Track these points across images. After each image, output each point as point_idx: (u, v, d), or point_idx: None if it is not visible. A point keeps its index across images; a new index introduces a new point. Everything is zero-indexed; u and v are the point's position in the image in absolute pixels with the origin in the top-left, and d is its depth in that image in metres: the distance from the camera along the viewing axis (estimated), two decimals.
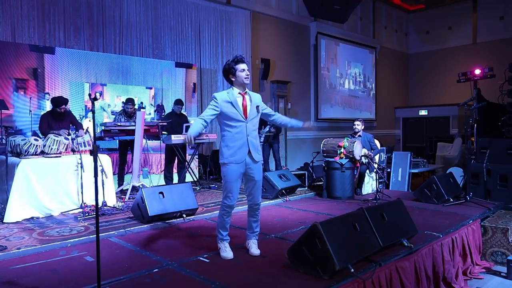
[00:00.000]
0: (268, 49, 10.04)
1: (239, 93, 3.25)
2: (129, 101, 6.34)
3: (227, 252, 3.31)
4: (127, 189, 5.83)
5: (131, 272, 2.96)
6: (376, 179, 6.02)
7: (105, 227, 4.15)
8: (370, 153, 6.17)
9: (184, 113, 7.29)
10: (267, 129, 7.72)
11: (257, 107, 3.32)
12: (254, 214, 3.41)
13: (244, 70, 3.21)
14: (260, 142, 8.07)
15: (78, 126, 5.75)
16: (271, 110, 3.52)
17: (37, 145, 4.76)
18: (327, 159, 6.07)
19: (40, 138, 5.07)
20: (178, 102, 6.84)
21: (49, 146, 4.84)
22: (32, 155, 4.72)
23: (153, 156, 7.30)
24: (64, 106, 5.56)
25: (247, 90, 3.31)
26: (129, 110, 6.27)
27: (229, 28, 8.95)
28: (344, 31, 12.28)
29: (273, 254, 3.31)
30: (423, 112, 14.26)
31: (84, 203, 4.79)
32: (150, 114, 7.42)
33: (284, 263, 3.04)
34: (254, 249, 3.38)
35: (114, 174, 6.11)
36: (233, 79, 3.24)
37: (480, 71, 6.37)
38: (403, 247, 3.34)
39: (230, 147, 3.19)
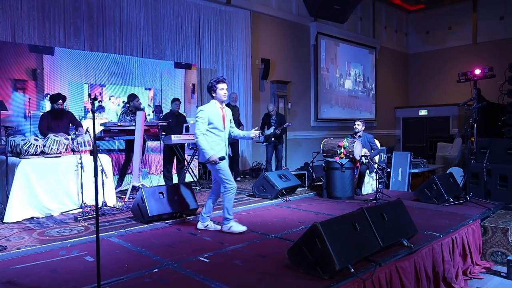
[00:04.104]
0: (268, 49, 10.04)
1: (220, 107, 3.95)
2: (135, 96, 6.24)
3: (240, 225, 3.97)
4: (127, 189, 5.83)
5: (131, 272, 2.96)
6: (376, 179, 6.01)
7: (105, 227, 4.15)
8: (369, 153, 6.17)
9: (183, 113, 7.29)
10: (271, 130, 7.73)
11: (230, 120, 4.07)
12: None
13: (223, 89, 3.92)
14: (261, 142, 8.10)
15: (77, 125, 5.74)
16: (234, 125, 4.22)
17: (37, 145, 4.76)
18: (327, 159, 6.07)
19: (40, 138, 5.06)
20: (176, 100, 6.86)
21: (49, 146, 4.83)
22: (32, 155, 4.72)
23: (152, 156, 7.29)
24: (61, 101, 5.53)
25: (224, 105, 4.03)
26: (137, 103, 6.21)
27: (229, 28, 8.95)
28: (344, 31, 12.28)
29: (273, 254, 3.31)
30: (423, 112, 14.26)
31: (84, 203, 4.78)
32: (149, 115, 7.42)
33: (284, 263, 3.04)
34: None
35: (114, 174, 6.10)
36: (214, 95, 3.94)
37: (480, 71, 6.36)
38: (403, 247, 3.34)
39: (214, 149, 3.87)
